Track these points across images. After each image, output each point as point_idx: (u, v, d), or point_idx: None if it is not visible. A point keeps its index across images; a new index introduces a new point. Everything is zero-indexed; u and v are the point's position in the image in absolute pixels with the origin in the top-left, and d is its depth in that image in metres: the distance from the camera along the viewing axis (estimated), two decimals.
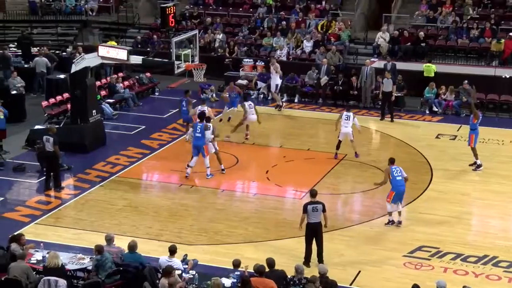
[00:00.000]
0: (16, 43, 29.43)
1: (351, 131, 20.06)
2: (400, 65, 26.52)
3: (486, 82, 25.84)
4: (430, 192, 18.41)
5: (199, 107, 20.54)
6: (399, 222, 16.30)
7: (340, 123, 20.15)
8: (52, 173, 18.21)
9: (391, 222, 16.26)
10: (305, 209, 14.17)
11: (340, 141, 20.19)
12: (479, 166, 19.77)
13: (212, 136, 18.84)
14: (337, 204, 18.01)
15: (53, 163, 18.21)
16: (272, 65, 25.68)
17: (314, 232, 14.20)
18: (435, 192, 18.37)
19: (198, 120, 19.24)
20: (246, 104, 21.59)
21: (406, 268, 14.44)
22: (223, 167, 19.29)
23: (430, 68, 26.36)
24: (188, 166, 18.93)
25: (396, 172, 16.18)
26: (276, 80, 25.51)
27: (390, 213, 16.26)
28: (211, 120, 19.71)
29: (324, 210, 14.27)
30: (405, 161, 20.40)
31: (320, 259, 14.18)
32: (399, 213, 16.34)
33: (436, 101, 25.51)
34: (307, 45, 28.88)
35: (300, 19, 30.45)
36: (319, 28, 29.80)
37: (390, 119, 24.29)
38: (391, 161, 16.45)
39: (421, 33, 28.03)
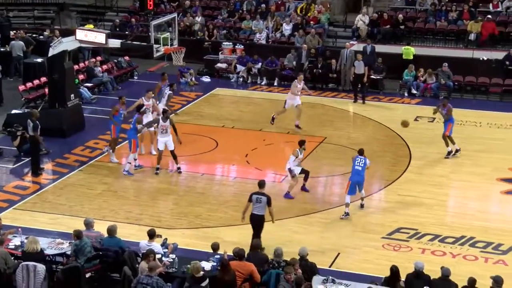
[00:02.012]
0: None
1: None
2: (379, 48, 26.60)
3: (464, 64, 26.02)
4: (408, 174, 18.54)
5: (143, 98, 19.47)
6: (362, 206, 16.27)
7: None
8: (31, 158, 18.09)
9: (346, 214, 15.83)
10: (250, 198, 14.00)
11: None
12: (456, 151, 19.61)
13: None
14: (316, 187, 18.06)
15: (31, 147, 18.06)
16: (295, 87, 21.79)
17: (254, 223, 13.95)
18: (413, 174, 18.50)
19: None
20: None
21: (385, 250, 14.56)
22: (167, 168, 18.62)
23: (409, 51, 26.45)
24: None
25: (358, 161, 15.82)
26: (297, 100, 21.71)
27: (347, 205, 15.86)
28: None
29: (269, 204, 13.90)
30: (384, 144, 20.61)
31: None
32: (362, 198, 16.23)
33: (414, 83, 25.64)
34: (287, 28, 28.82)
35: (279, 2, 30.36)
36: (298, 11, 29.73)
37: (362, 101, 24.35)
38: (359, 152, 16.14)
39: (400, 16, 28.08)
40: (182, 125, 20.24)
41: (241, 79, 27.03)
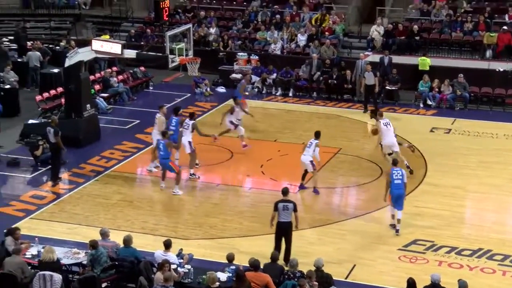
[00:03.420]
0: (12, 37, 29.27)
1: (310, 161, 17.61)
2: (394, 59, 26.56)
3: (480, 76, 25.90)
4: (424, 185, 18.44)
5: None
6: (393, 226, 15.79)
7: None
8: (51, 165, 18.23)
9: (393, 226, 15.79)
10: (275, 207, 14.01)
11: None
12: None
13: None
14: (332, 198, 18.03)
15: (53, 154, 18.19)
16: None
17: (283, 231, 14.01)
18: (429, 186, 18.40)
19: (173, 114, 19.19)
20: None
21: (401, 262, 14.48)
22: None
23: (425, 62, 26.38)
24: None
25: (396, 174, 15.57)
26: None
27: (393, 216, 15.81)
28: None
29: (295, 210, 14.00)
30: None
31: (286, 259, 13.75)
32: (397, 220, 15.68)
33: (430, 94, 25.55)
34: (301, 39, 28.85)
35: (294, 13, 30.41)
36: (313, 21, 29.77)
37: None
38: (394, 163, 16.09)
39: (415, 27, 28.04)
40: (197, 136, 20.24)
41: (255, 90, 27.05)
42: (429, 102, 25.45)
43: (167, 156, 17.43)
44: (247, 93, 23.89)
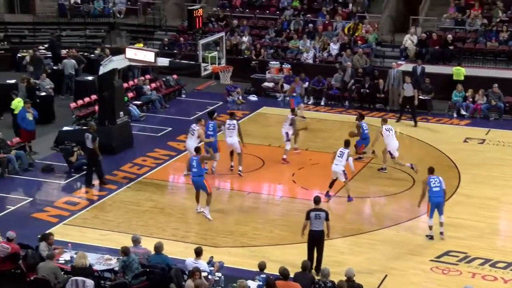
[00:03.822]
0: (47, 45, 29.74)
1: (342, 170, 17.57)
2: (427, 68, 26.37)
3: None
4: (457, 196, 18.24)
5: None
6: (430, 237, 15.80)
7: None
8: (90, 169, 18.50)
9: (429, 237, 15.68)
10: (307, 216, 14.00)
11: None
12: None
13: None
14: (363, 208, 17.93)
15: (91, 159, 18.42)
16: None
17: (315, 240, 13.99)
18: (462, 197, 18.20)
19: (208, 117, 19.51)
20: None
21: (433, 273, 14.33)
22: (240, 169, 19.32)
23: (460, 72, 26.11)
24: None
25: (434, 182, 15.52)
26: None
27: (430, 227, 15.69)
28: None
29: (327, 219, 14.00)
30: (432, 165, 20.25)
31: (318, 268, 13.75)
32: (441, 224, 15.77)
33: (464, 104, 25.28)
34: (334, 48, 28.80)
35: (326, 22, 30.39)
36: (345, 30, 29.70)
37: (414, 123, 24.06)
38: (430, 171, 15.92)
39: (449, 36, 27.79)
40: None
41: (287, 98, 27.03)
42: (462, 112, 25.18)
43: (201, 173, 16.59)
44: (294, 94, 24.24)
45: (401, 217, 16.91)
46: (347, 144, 17.89)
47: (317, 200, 14.35)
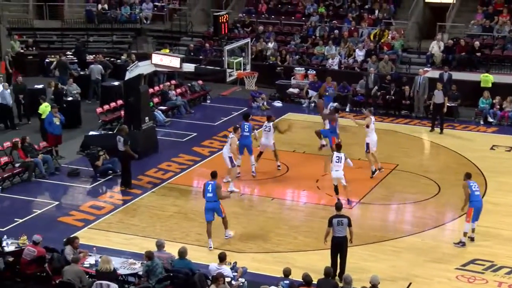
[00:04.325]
0: (73, 51, 30.07)
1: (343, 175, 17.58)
2: (454, 75, 26.15)
3: None
4: (484, 204, 17.90)
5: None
6: (472, 239, 15.72)
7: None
8: (124, 171, 18.69)
9: (461, 244, 15.55)
10: (330, 223, 13.96)
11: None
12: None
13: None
14: (388, 215, 17.83)
15: (123, 162, 18.58)
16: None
17: (338, 247, 13.95)
18: (489, 205, 17.91)
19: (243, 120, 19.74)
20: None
21: (459, 281, 14.19)
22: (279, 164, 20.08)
23: (487, 79, 25.87)
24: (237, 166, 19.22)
25: (474, 187, 15.49)
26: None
27: (465, 234, 15.58)
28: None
29: (349, 225, 13.95)
30: (458, 172, 20.08)
31: (341, 275, 13.61)
32: (473, 230, 15.73)
33: (491, 111, 25.03)
34: (359, 54, 28.71)
35: (352, 28, 30.30)
36: (371, 37, 29.60)
37: (440, 130, 23.87)
38: (468, 176, 15.79)
39: (477, 43, 27.56)
40: (254, 149, 20.32)
41: (312, 104, 27.02)
42: (490, 119, 24.94)
43: (216, 198, 15.58)
44: (327, 94, 24.50)
45: (426, 225, 16.78)
46: (339, 147, 17.91)
47: (338, 206, 14.31)
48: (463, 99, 25.46)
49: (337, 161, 17.48)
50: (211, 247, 15.40)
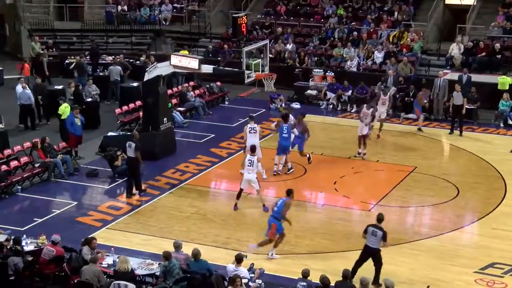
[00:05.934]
0: (88, 52, 30.27)
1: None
2: (474, 77, 25.97)
3: None
4: (503, 207, 17.89)
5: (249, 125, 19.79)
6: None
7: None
8: (131, 178, 18.59)
9: None
10: (365, 230, 13.92)
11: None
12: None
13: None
14: (406, 217, 17.73)
15: (132, 168, 18.52)
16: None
17: (368, 255, 13.85)
18: (509, 208, 17.84)
19: (282, 121, 19.87)
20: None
21: (478, 285, 14.08)
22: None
23: (505, 81, 25.67)
24: (275, 164, 19.66)
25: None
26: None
27: None
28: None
29: (384, 239, 13.69)
30: (477, 175, 20.00)
31: (376, 279, 13.63)
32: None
33: (511, 114, 24.81)
34: (378, 56, 28.61)
35: (371, 30, 30.20)
36: (390, 39, 29.47)
37: (460, 133, 23.71)
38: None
39: (497, 45, 27.34)
40: (271, 151, 20.32)
41: (331, 106, 26.97)
42: (510, 122, 24.71)
43: (279, 216, 15.10)
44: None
45: (445, 228, 16.68)
46: (253, 150, 17.70)
47: (380, 218, 13.97)
48: (482, 101, 25.27)
49: (249, 164, 17.33)
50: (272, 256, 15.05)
